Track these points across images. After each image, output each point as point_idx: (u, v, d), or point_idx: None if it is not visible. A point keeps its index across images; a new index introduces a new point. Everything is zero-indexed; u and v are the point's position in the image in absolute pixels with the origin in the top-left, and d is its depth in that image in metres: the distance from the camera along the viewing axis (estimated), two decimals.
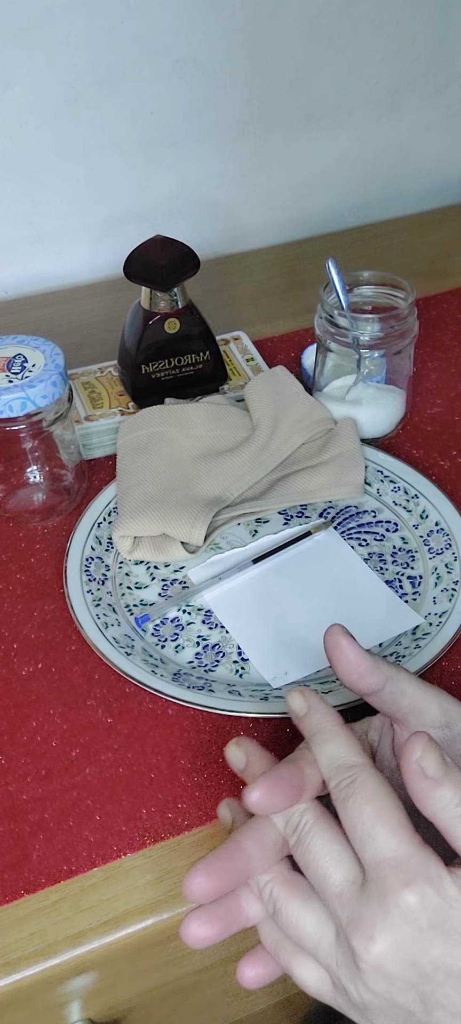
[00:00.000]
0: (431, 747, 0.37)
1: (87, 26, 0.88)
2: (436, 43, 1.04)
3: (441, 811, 0.36)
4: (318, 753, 0.40)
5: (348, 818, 0.37)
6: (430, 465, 0.71)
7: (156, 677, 0.54)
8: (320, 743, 0.40)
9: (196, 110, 0.96)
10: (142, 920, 0.45)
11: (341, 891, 0.37)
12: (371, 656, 0.43)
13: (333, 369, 0.74)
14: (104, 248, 0.99)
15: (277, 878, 0.40)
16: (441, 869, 0.36)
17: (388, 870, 0.36)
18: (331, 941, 0.38)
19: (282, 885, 0.39)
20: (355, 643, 0.43)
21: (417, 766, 0.36)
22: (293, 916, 0.39)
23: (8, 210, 0.93)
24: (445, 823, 0.36)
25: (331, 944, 0.38)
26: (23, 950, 0.44)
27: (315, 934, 0.38)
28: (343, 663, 0.43)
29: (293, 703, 0.42)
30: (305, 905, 0.39)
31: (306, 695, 0.41)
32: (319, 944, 0.38)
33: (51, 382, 0.62)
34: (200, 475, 0.67)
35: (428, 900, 0.35)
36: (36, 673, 0.56)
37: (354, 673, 0.43)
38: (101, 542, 0.64)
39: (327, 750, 0.39)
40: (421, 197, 1.13)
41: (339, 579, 0.62)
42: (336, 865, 0.37)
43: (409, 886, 0.35)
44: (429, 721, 0.43)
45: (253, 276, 0.98)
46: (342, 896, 0.37)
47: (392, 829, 0.36)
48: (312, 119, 1.03)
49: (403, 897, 0.35)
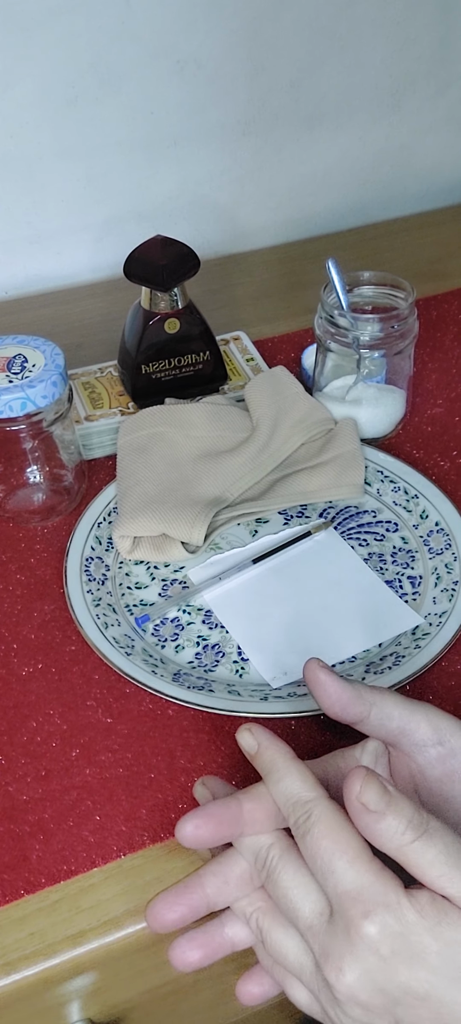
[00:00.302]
0: (369, 780, 0.37)
1: (87, 26, 0.88)
2: (437, 44, 1.04)
3: (389, 841, 0.36)
4: (273, 791, 0.40)
5: (307, 854, 0.38)
6: (430, 465, 0.71)
7: (156, 677, 0.54)
8: (274, 781, 0.40)
9: (197, 110, 0.96)
10: (142, 920, 0.45)
11: (311, 923, 0.38)
12: (352, 685, 0.43)
13: (333, 369, 0.74)
14: (104, 248, 0.99)
15: (261, 907, 0.41)
16: (400, 895, 0.36)
17: (349, 902, 0.36)
18: (312, 969, 0.39)
19: (266, 914, 0.40)
20: (334, 675, 0.43)
21: (358, 802, 0.37)
22: (276, 944, 0.40)
23: (8, 210, 0.93)
24: (395, 852, 0.36)
25: (312, 972, 0.39)
26: (23, 950, 0.44)
27: (297, 961, 0.39)
28: (324, 698, 0.43)
29: (243, 741, 0.42)
30: (287, 933, 0.40)
31: (255, 732, 0.42)
32: (302, 971, 0.39)
33: (51, 382, 0.62)
34: (200, 475, 0.67)
35: (388, 929, 0.35)
36: (36, 673, 0.56)
37: (336, 706, 0.43)
38: (101, 542, 0.64)
39: (281, 788, 0.40)
40: (422, 198, 1.13)
41: (339, 579, 0.62)
42: (304, 898, 0.38)
43: (369, 917, 0.36)
44: (420, 740, 0.43)
45: (253, 276, 0.98)
46: (312, 928, 0.38)
47: (349, 860, 0.36)
48: (313, 119, 1.03)
49: (364, 928, 0.36)
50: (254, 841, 0.40)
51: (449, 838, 0.36)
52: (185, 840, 0.40)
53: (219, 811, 0.40)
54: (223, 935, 0.42)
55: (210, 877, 0.41)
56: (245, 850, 0.41)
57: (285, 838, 0.40)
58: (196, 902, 0.40)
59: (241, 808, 0.40)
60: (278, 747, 0.41)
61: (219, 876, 0.41)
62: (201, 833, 0.40)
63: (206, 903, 0.41)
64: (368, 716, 0.43)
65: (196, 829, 0.40)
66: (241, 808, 0.40)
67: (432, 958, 0.35)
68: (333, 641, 0.57)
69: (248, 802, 0.40)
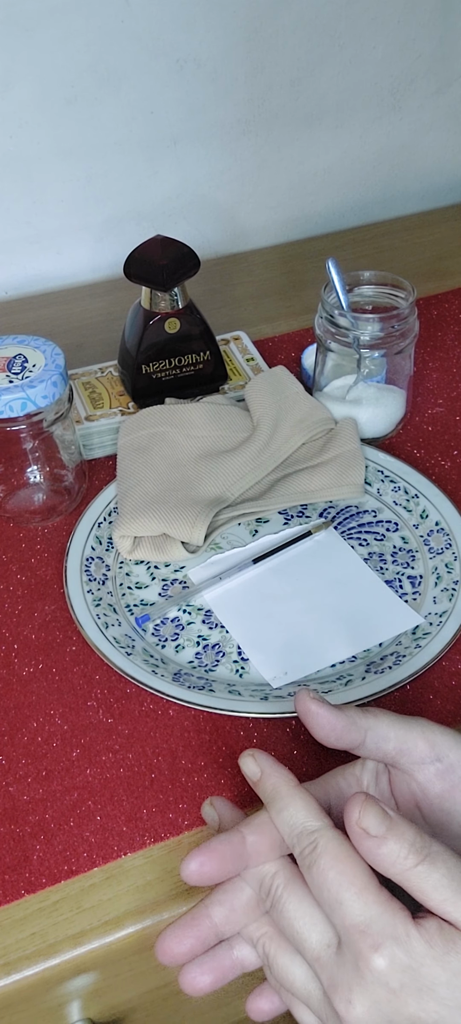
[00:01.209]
0: (369, 805, 0.37)
1: (87, 26, 0.88)
2: (437, 42, 1.04)
3: (392, 866, 0.36)
4: (277, 820, 0.40)
5: (314, 885, 0.38)
6: (431, 465, 0.71)
7: (156, 677, 0.54)
8: (277, 810, 0.40)
9: (197, 109, 0.96)
10: (143, 920, 0.45)
11: (318, 955, 0.37)
12: (345, 713, 0.43)
13: (333, 369, 0.74)
14: (104, 248, 0.99)
15: (268, 933, 0.40)
16: (408, 925, 0.36)
17: (357, 935, 0.36)
18: (319, 997, 0.38)
19: (272, 940, 0.40)
20: (325, 705, 0.43)
21: (358, 828, 0.37)
22: (283, 971, 0.40)
23: (8, 210, 0.93)
24: (399, 877, 0.36)
25: (319, 1000, 0.38)
26: (24, 950, 0.44)
27: (304, 989, 0.39)
28: (317, 729, 0.43)
29: (246, 768, 0.42)
30: (293, 961, 0.40)
31: (258, 758, 0.41)
32: (309, 998, 0.39)
33: (51, 382, 0.62)
34: (200, 475, 0.67)
35: (397, 962, 0.35)
36: (36, 674, 0.56)
37: (331, 736, 0.42)
38: (101, 542, 0.64)
39: (285, 817, 0.39)
40: (422, 197, 1.13)
41: (339, 579, 0.62)
42: (310, 929, 0.38)
43: (378, 950, 0.35)
44: (418, 758, 0.43)
45: (253, 276, 0.98)
46: (320, 960, 0.37)
47: (357, 892, 0.36)
48: (313, 118, 1.03)
49: (374, 962, 0.35)
50: (258, 869, 0.40)
51: (452, 861, 0.36)
52: (190, 879, 0.40)
53: (223, 847, 0.40)
54: (232, 958, 0.42)
55: (217, 907, 0.41)
56: (250, 878, 0.41)
57: (289, 866, 0.40)
58: (204, 933, 0.40)
59: (244, 843, 0.40)
60: (281, 774, 0.41)
61: (225, 905, 0.41)
62: (206, 871, 0.40)
63: (214, 932, 0.40)
64: (364, 741, 0.43)
65: (201, 867, 0.40)
66: (244, 843, 0.40)
67: (441, 989, 0.35)
68: (333, 641, 0.57)
69: (251, 835, 0.40)
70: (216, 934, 0.40)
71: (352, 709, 0.43)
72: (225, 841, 0.40)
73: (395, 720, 0.43)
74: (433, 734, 0.43)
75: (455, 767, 0.42)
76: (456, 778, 0.42)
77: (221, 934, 0.41)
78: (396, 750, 0.43)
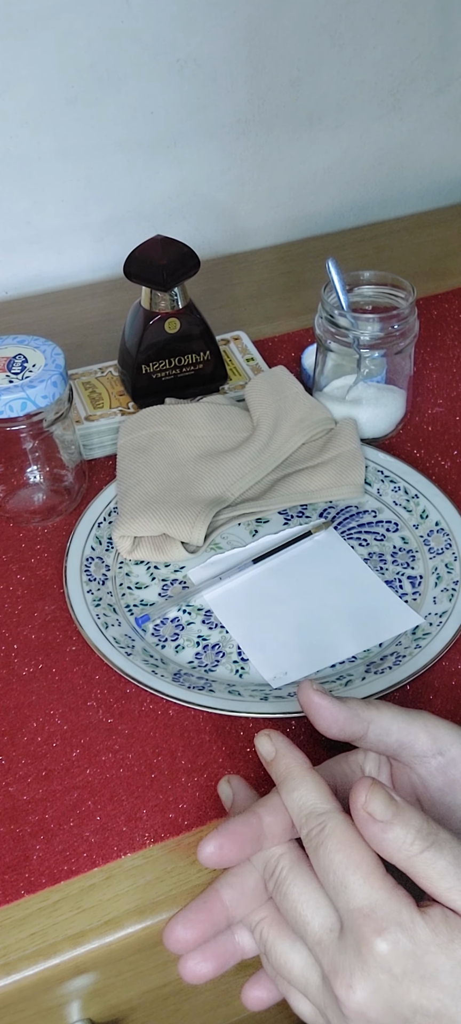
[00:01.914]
0: (375, 790, 0.37)
1: (88, 26, 0.88)
2: (437, 42, 1.04)
3: (397, 852, 0.36)
4: (287, 800, 0.40)
5: (320, 867, 0.37)
6: (431, 465, 0.71)
7: (156, 677, 0.54)
8: (288, 790, 0.40)
9: (196, 109, 0.96)
10: (143, 920, 0.45)
11: (320, 938, 0.37)
12: (348, 705, 0.43)
13: (333, 369, 0.74)
14: (104, 248, 0.99)
15: (266, 918, 0.40)
16: (413, 912, 0.36)
17: (361, 919, 0.36)
18: (318, 983, 0.38)
19: (271, 926, 0.40)
20: (328, 697, 0.43)
21: (364, 812, 0.36)
22: (281, 958, 0.39)
23: (8, 210, 0.93)
24: (403, 863, 0.36)
25: (318, 986, 0.38)
26: (24, 950, 0.44)
27: (302, 976, 0.39)
28: (320, 720, 0.43)
29: (261, 747, 0.42)
30: (292, 947, 0.39)
31: (273, 739, 0.41)
32: (307, 985, 0.39)
33: (51, 382, 0.62)
34: (200, 475, 0.67)
35: (401, 947, 0.35)
36: (36, 674, 0.56)
37: (333, 728, 0.43)
38: (101, 542, 0.64)
39: (295, 797, 0.39)
40: (422, 196, 1.13)
41: (339, 579, 0.62)
42: (313, 912, 0.38)
43: (382, 935, 0.35)
44: (420, 752, 0.43)
45: (253, 276, 0.98)
46: (322, 944, 0.37)
47: (363, 876, 0.36)
48: (313, 118, 1.03)
49: (377, 946, 0.35)
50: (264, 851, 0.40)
51: (458, 849, 0.36)
52: (208, 861, 0.39)
53: (241, 829, 0.39)
54: (234, 943, 0.41)
55: (227, 890, 0.40)
56: (255, 860, 0.40)
57: (296, 849, 0.40)
58: (217, 917, 0.40)
59: (262, 824, 0.40)
60: (295, 756, 0.41)
61: (236, 888, 0.40)
62: (225, 853, 0.39)
63: (226, 916, 0.40)
64: (366, 733, 0.43)
65: (220, 849, 0.39)
66: (262, 824, 0.40)
67: (444, 977, 0.35)
68: (333, 641, 0.57)
69: (267, 815, 0.40)
70: (227, 918, 0.40)
71: (355, 701, 0.43)
72: (243, 823, 0.40)
73: (397, 713, 0.43)
74: (436, 728, 0.43)
75: (457, 761, 0.42)
76: (458, 772, 0.42)
77: (231, 919, 0.40)
78: (398, 743, 0.43)
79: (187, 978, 0.40)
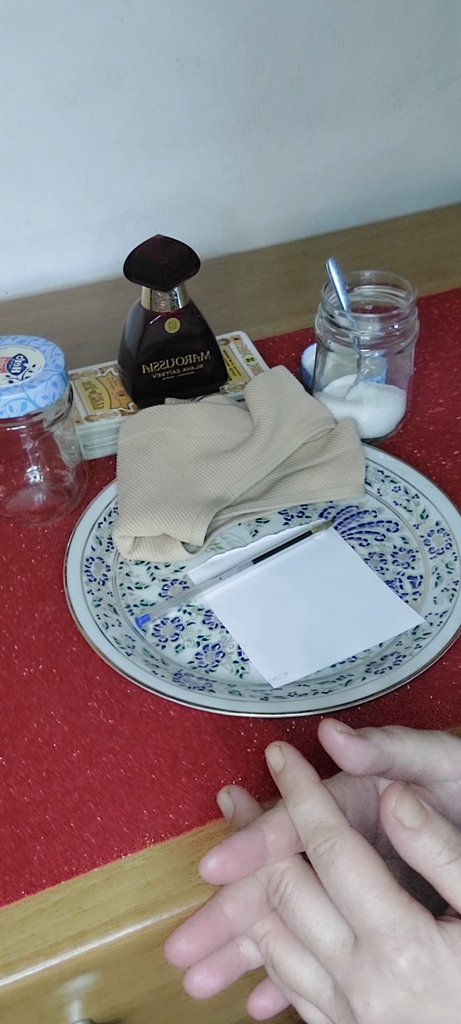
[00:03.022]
0: (406, 796, 0.36)
1: (87, 25, 0.88)
2: (437, 41, 1.04)
3: (424, 861, 0.36)
4: (292, 813, 0.39)
5: (332, 886, 0.37)
6: (431, 465, 0.71)
7: (157, 678, 0.54)
8: (294, 803, 0.39)
9: (197, 109, 0.96)
10: (143, 921, 0.45)
11: (332, 955, 0.37)
12: (373, 744, 0.42)
13: (333, 369, 0.74)
14: (104, 248, 0.99)
15: (272, 932, 0.40)
16: (432, 928, 0.35)
17: (379, 938, 0.35)
18: (329, 996, 0.38)
19: (277, 940, 0.40)
20: (352, 737, 0.41)
21: (393, 817, 0.36)
22: (290, 972, 0.39)
23: (8, 210, 0.93)
24: (429, 873, 0.36)
25: (330, 999, 0.38)
26: (24, 951, 0.44)
27: (313, 989, 0.38)
28: (347, 764, 0.41)
29: (271, 758, 0.41)
30: (301, 960, 0.39)
31: (284, 750, 0.41)
32: (318, 998, 0.38)
33: (51, 382, 0.62)
34: (201, 475, 0.67)
35: (420, 965, 0.35)
36: (37, 675, 0.56)
37: (359, 768, 0.42)
38: (101, 542, 0.64)
39: (302, 810, 0.39)
40: (423, 196, 1.13)
41: (339, 579, 0.62)
42: (323, 928, 0.37)
43: (401, 953, 0.35)
44: (441, 776, 0.42)
45: (254, 276, 0.98)
46: (334, 959, 0.37)
47: (379, 895, 0.36)
48: (313, 118, 1.03)
49: (396, 964, 0.35)
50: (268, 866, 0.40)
51: None
52: (210, 877, 0.39)
53: (245, 847, 0.39)
54: (239, 955, 0.41)
55: (231, 903, 0.40)
56: (259, 873, 0.40)
57: (300, 863, 0.39)
58: (220, 931, 0.39)
59: (265, 841, 0.39)
60: (303, 768, 0.40)
61: (240, 902, 0.40)
62: (227, 870, 0.39)
63: (229, 930, 0.40)
64: (391, 768, 0.42)
65: (223, 866, 0.39)
66: (265, 841, 0.39)
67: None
68: (334, 641, 0.57)
69: (271, 832, 0.39)
70: (230, 932, 0.40)
71: (377, 735, 0.42)
72: (247, 840, 0.39)
73: (419, 741, 0.42)
74: (457, 752, 0.42)
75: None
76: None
77: (235, 932, 0.40)
78: (420, 771, 0.42)
79: (194, 993, 0.40)
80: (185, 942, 0.39)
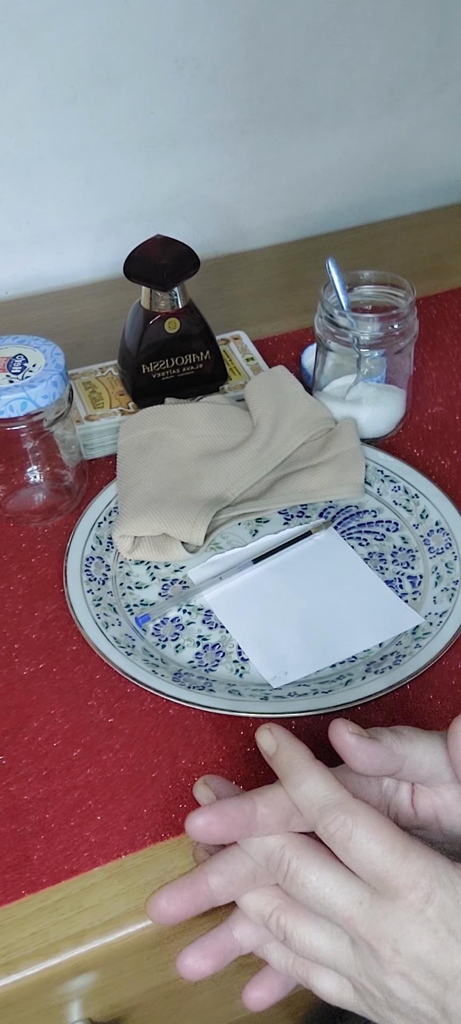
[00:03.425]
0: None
1: (87, 26, 0.88)
2: (435, 41, 1.04)
3: None
4: (293, 794, 0.39)
5: (353, 861, 0.37)
6: (431, 464, 0.71)
7: (157, 677, 0.54)
8: (294, 784, 0.39)
9: (196, 109, 0.96)
10: (143, 920, 0.45)
11: (351, 914, 0.37)
12: (383, 745, 0.42)
13: (333, 369, 0.74)
14: (104, 248, 0.99)
15: (280, 906, 0.40)
16: (451, 872, 0.36)
17: (406, 891, 0.36)
18: (348, 952, 0.38)
19: (287, 913, 0.40)
20: (363, 738, 0.41)
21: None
22: (306, 939, 0.39)
23: (8, 210, 0.93)
24: None
25: (349, 955, 0.38)
26: (24, 950, 0.44)
27: (331, 950, 0.39)
28: (357, 764, 0.42)
29: (262, 741, 0.41)
30: (315, 925, 0.39)
31: (275, 732, 0.41)
32: (336, 958, 0.39)
33: (52, 382, 0.62)
34: (201, 475, 0.67)
35: (447, 910, 0.36)
36: (37, 673, 0.56)
37: (369, 769, 0.42)
38: (101, 542, 0.64)
39: (304, 791, 0.39)
40: (421, 196, 1.13)
41: (339, 579, 0.62)
42: (337, 892, 0.38)
43: (428, 900, 0.36)
44: (449, 779, 0.43)
45: (253, 275, 0.98)
46: (353, 918, 0.37)
47: (401, 854, 0.37)
48: (312, 118, 1.03)
49: (425, 912, 0.36)
50: (264, 843, 0.40)
51: None
52: (194, 833, 0.39)
53: (234, 812, 0.39)
54: (232, 940, 0.41)
55: (216, 876, 0.40)
56: (254, 851, 0.40)
57: (294, 836, 0.40)
58: (200, 898, 0.40)
59: (255, 811, 0.39)
60: (297, 748, 0.40)
61: (224, 875, 0.40)
62: (212, 830, 0.39)
63: (209, 899, 0.40)
64: (401, 770, 0.42)
65: (208, 825, 0.39)
66: (255, 811, 0.39)
67: None
68: (333, 640, 0.57)
69: (262, 806, 0.40)
70: (210, 901, 0.40)
71: (388, 736, 0.42)
72: (237, 807, 0.39)
73: (428, 744, 0.43)
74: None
75: None
76: None
77: (215, 901, 0.40)
78: (429, 774, 0.43)
79: (186, 975, 0.40)
80: (166, 901, 0.39)
